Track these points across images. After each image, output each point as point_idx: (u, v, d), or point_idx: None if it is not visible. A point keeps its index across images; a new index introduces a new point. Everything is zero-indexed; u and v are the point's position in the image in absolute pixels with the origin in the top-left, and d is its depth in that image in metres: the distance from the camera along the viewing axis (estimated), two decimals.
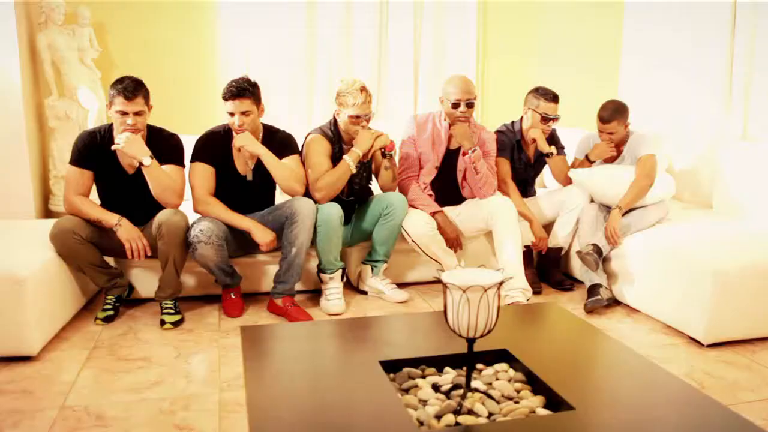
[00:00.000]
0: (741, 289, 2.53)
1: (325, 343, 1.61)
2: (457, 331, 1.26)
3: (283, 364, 1.46)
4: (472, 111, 3.12)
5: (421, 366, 1.48)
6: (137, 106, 2.64)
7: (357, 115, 2.93)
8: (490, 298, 1.23)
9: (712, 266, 2.52)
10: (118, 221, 2.66)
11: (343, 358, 1.51)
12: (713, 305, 2.52)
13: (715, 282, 2.50)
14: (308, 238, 2.82)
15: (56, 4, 3.38)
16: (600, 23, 4.62)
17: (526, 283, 2.91)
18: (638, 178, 3.15)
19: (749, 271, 2.54)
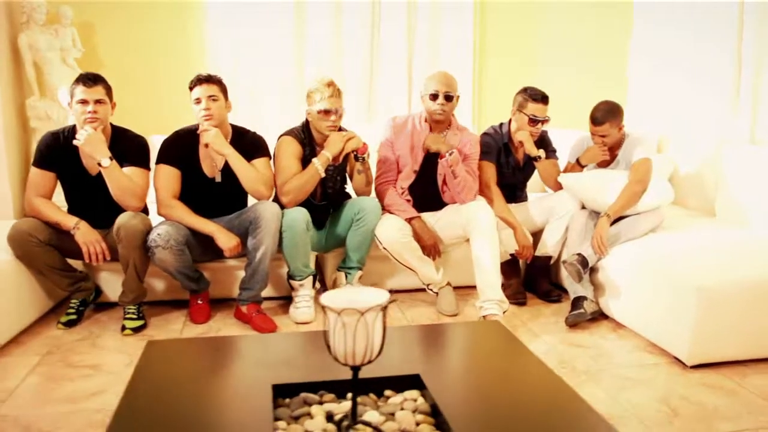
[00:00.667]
0: (729, 306, 2.32)
1: (230, 361, 1.50)
2: (336, 357, 1.13)
3: (165, 387, 1.35)
4: (451, 106, 2.97)
5: (321, 391, 1.36)
6: (97, 93, 2.59)
7: (326, 110, 2.82)
8: (370, 323, 1.10)
9: (696, 281, 2.33)
10: (75, 224, 2.60)
11: (236, 380, 1.39)
12: (697, 323, 2.32)
13: (699, 298, 2.30)
14: (273, 243, 2.72)
15: (37, 3, 3.36)
16: (607, 23, 4.40)
17: (501, 295, 2.74)
18: (630, 183, 2.95)
19: (739, 287, 2.33)
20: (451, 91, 2.96)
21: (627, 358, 2.49)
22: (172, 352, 1.52)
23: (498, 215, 3.12)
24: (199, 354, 1.53)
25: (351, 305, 1.09)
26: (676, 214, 3.49)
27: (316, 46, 4.00)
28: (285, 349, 1.58)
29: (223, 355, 1.52)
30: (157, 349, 1.51)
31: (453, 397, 1.29)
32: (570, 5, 4.33)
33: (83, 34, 3.67)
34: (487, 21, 4.25)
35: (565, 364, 2.42)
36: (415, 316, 2.96)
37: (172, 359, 1.49)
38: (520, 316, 2.97)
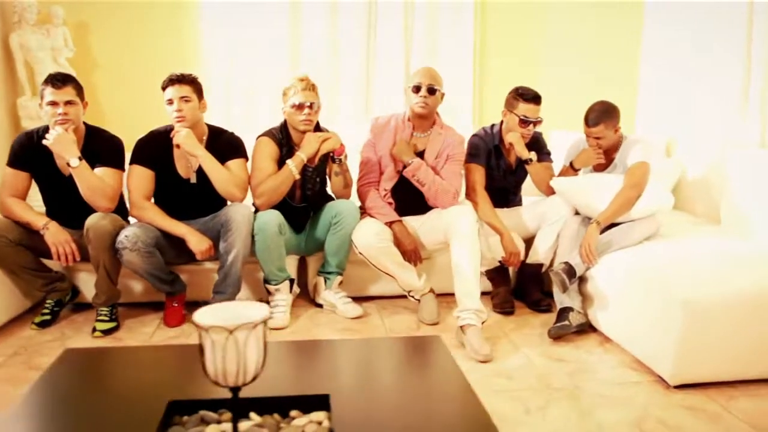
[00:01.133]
0: (717, 321, 2.15)
1: (138, 373, 1.43)
2: (208, 376, 1.05)
3: (60, 399, 1.28)
4: (434, 100, 2.86)
5: (221, 410, 1.27)
6: (67, 95, 2.56)
7: (300, 103, 2.74)
8: (241, 342, 1.01)
9: (682, 293, 2.16)
10: (45, 224, 2.58)
11: (133, 394, 1.31)
12: (682, 340, 2.16)
13: (684, 312, 2.14)
14: (244, 246, 2.66)
15: (28, 3, 3.37)
16: (614, 23, 4.19)
17: (479, 305, 2.61)
18: (624, 188, 2.79)
19: (729, 301, 2.16)
20: (435, 85, 2.85)
21: (608, 374, 2.34)
22: (85, 361, 1.46)
23: (484, 220, 3.00)
24: (111, 364, 1.46)
25: (220, 322, 1.00)
26: (680, 221, 3.31)
27: (311, 46, 3.92)
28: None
29: (135, 366, 1.45)
30: (70, 357, 1.45)
31: (354, 421, 1.19)
32: (575, 5, 4.16)
33: (78, 33, 3.68)
34: (488, 20, 4.11)
35: (540, 380, 2.28)
36: (394, 325, 2.86)
37: (82, 369, 1.43)
38: (504, 327, 2.84)
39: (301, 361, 1.44)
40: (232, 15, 3.81)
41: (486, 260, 3.06)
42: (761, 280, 2.22)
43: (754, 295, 2.16)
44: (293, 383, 1.35)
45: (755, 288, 2.18)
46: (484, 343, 2.49)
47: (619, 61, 4.24)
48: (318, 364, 1.43)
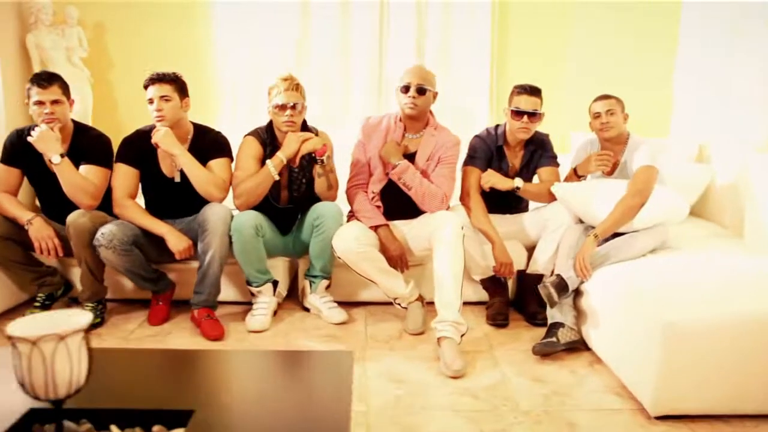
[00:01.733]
0: (704, 348, 1.92)
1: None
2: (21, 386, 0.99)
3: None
4: (423, 101, 2.73)
5: (83, 420, 1.21)
6: (53, 94, 2.60)
7: (282, 104, 2.68)
8: (47, 353, 0.94)
9: (666, 315, 1.95)
10: (29, 219, 2.63)
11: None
12: (664, 366, 1.94)
13: (666, 335, 1.92)
14: (221, 247, 2.62)
15: (43, 4, 3.47)
16: (648, 25, 3.91)
17: (458, 317, 2.46)
18: (626, 196, 2.58)
19: (718, 325, 1.92)
20: (425, 84, 2.72)
21: (586, 399, 2.14)
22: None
23: (477, 227, 2.85)
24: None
25: (24, 333, 0.93)
26: (700, 232, 3.05)
27: (322, 45, 3.86)
28: (120, 367, 1.43)
29: None
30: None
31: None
32: (604, 4, 3.90)
33: (95, 33, 3.77)
34: (508, 20, 3.91)
35: (508, 401, 2.12)
36: (377, 332, 2.75)
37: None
38: (492, 340, 2.67)
39: (183, 373, 1.36)
40: (243, 14, 3.79)
41: (480, 269, 2.91)
42: (760, 302, 1.96)
43: (749, 320, 1.92)
44: (165, 396, 1.27)
45: (752, 311, 1.93)
46: (458, 357, 2.34)
47: (651, 63, 3.95)
48: (199, 376, 1.35)
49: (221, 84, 3.87)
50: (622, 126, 2.78)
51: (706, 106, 3.60)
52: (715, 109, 3.49)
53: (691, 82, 3.77)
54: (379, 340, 2.67)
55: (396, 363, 2.43)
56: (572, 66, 3.96)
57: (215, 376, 1.37)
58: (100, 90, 3.78)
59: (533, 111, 2.83)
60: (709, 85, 3.54)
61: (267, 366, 1.41)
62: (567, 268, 2.57)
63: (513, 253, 3.00)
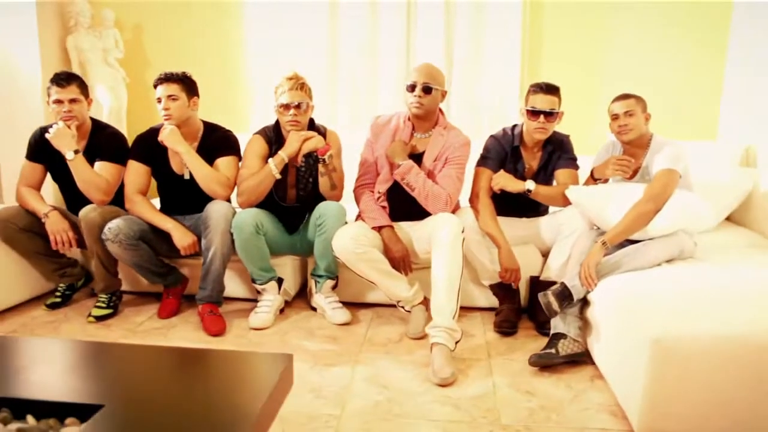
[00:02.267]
0: (696, 366, 1.75)
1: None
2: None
3: None
4: (430, 100, 2.66)
5: (3, 408, 1.24)
6: (71, 93, 2.71)
7: (285, 104, 2.68)
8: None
9: (654, 331, 1.79)
10: (46, 213, 2.75)
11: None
12: (651, 385, 1.79)
13: (653, 352, 1.77)
14: (223, 244, 2.65)
15: (81, 8, 3.64)
16: (694, 25, 3.66)
17: (452, 323, 2.37)
18: (640, 201, 2.41)
19: (711, 342, 1.75)
20: (432, 83, 2.65)
21: (575, 416, 2.02)
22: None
23: (484, 230, 2.75)
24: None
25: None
26: (736, 242, 2.86)
27: (349, 45, 3.85)
28: (47, 358, 1.47)
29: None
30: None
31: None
32: (645, 4, 3.68)
33: (134, 34, 3.92)
34: (541, 21, 3.77)
35: (490, 413, 2.02)
36: (377, 335, 2.70)
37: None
38: (495, 348, 2.57)
39: (100, 365, 1.37)
40: (273, 15, 3.83)
41: (488, 273, 2.81)
42: (760, 322, 1.78)
43: (746, 337, 1.73)
44: (80, 388, 1.29)
45: (749, 331, 1.75)
46: (447, 365, 2.26)
47: (699, 64, 3.71)
48: (115, 370, 1.35)
49: (252, 83, 3.93)
50: (642, 128, 2.61)
51: (755, 108, 3.33)
52: (765, 111, 3.22)
53: (741, 84, 3.49)
54: (376, 343, 2.62)
55: (387, 367, 2.37)
56: (611, 67, 3.77)
57: (134, 371, 1.37)
58: (137, 90, 3.92)
59: (550, 110, 2.71)
60: (761, 86, 3.27)
61: (189, 364, 1.40)
62: (573, 276, 2.44)
63: (528, 258, 2.90)
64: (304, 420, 1.97)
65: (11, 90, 3.53)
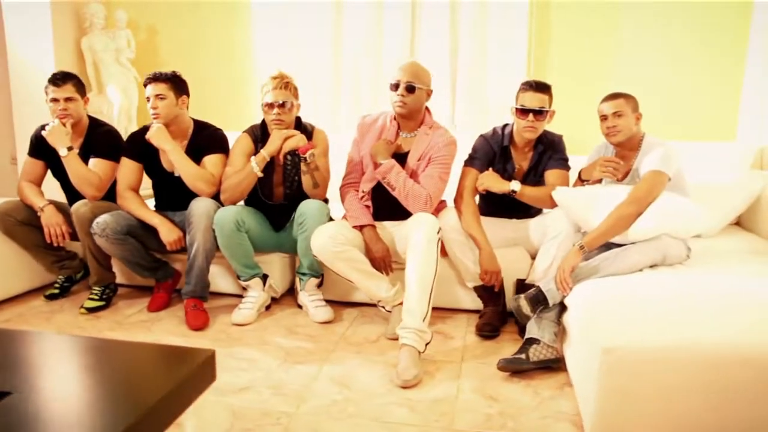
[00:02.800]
0: (649, 380, 1.67)
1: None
2: None
3: None
4: (413, 99, 2.62)
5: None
6: (67, 92, 2.81)
7: (269, 103, 2.71)
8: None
9: (607, 340, 1.72)
10: (41, 207, 2.86)
11: None
12: (603, 397, 1.72)
13: (603, 363, 1.70)
14: (205, 240, 2.69)
15: (95, 10, 3.76)
16: (714, 24, 3.50)
17: (422, 325, 2.33)
18: (622, 203, 2.33)
19: (660, 354, 1.66)
20: (415, 82, 2.62)
21: (532, 424, 1.95)
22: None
23: (466, 231, 2.70)
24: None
25: None
26: (738, 248, 2.74)
27: (354, 45, 3.85)
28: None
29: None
30: None
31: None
32: (664, 3, 3.54)
33: (149, 35, 4.03)
34: (549, 20, 3.68)
35: (444, 417, 1.98)
36: (356, 335, 2.69)
37: None
38: (468, 352, 2.52)
39: (25, 354, 1.41)
40: (280, 15, 3.88)
41: (471, 275, 2.76)
42: (719, 333, 1.68)
43: (699, 348, 1.64)
44: None
45: (704, 339, 1.65)
46: (412, 367, 2.23)
47: (717, 65, 3.54)
48: (37, 359, 1.39)
49: (260, 83, 3.95)
50: (632, 128, 2.51)
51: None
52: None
53: (761, 83, 3.32)
54: (352, 342, 2.61)
55: (355, 367, 2.36)
56: (622, 67, 3.65)
57: (47, 360, 1.40)
58: None
59: (539, 109, 2.64)
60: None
61: (104, 355, 1.42)
62: (549, 280, 2.37)
63: (516, 260, 2.84)
64: (257, 416, 1.98)
65: (28, 90, 3.69)
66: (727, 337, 1.65)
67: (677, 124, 3.59)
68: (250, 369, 2.33)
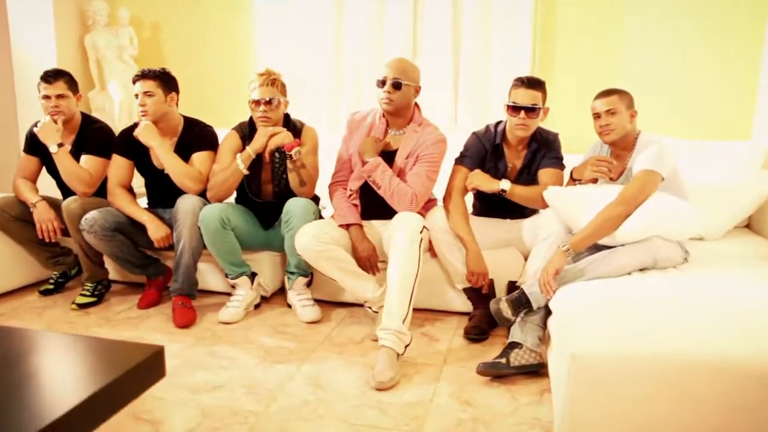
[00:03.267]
0: (618, 388, 1.60)
1: None
2: None
3: None
4: (400, 96, 2.58)
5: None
6: (58, 89, 2.83)
7: (255, 100, 2.69)
8: None
9: (575, 346, 1.66)
10: (34, 203, 2.89)
11: None
12: (570, 405, 1.65)
13: (571, 369, 1.64)
14: (191, 238, 2.69)
15: (98, 7, 3.80)
16: (726, 19, 3.37)
17: (401, 326, 2.28)
18: (610, 204, 2.25)
19: (627, 361, 1.58)
20: (402, 79, 2.57)
21: (504, 431, 1.89)
22: None
23: (454, 231, 2.64)
24: None
25: None
26: (741, 252, 2.65)
27: (355, 39, 3.81)
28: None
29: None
30: None
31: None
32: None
33: (153, 32, 4.05)
34: (555, 15, 3.59)
35: (414, 421, 1.93)
36: (340, 335, 2.65)
37: None
38: (452, 355, 2.47)
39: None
40: (281, 9, 3.85)
41: (460, 276, 2.71)
42: (696, 342, 1.60)
43: (668, 357, 1.56)
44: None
45: (674, 348, 1.57)
46: (388, 369, 2.19)
47: (731, 62, 3.41)
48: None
49: None
50: (626, 127, 2.42)
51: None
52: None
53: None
54: (336, 343, 2.58)
55: (333, 368, 2.32)
56: (631, 64, 3.53)
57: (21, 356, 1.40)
58: None
59: (531, 106, 2.57)
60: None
61: (45, 347, 1.41)
62: (533, 282, 2.30)
63: (509, 261, 2.78)
64: (226, 414, 1.96)
65: (31, 87, 3.71)
66: (698, 349, 1.56)
67: (688, 123, 3.47)
68: (229, 367, 2.32)
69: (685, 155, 3.02)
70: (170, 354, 2.42)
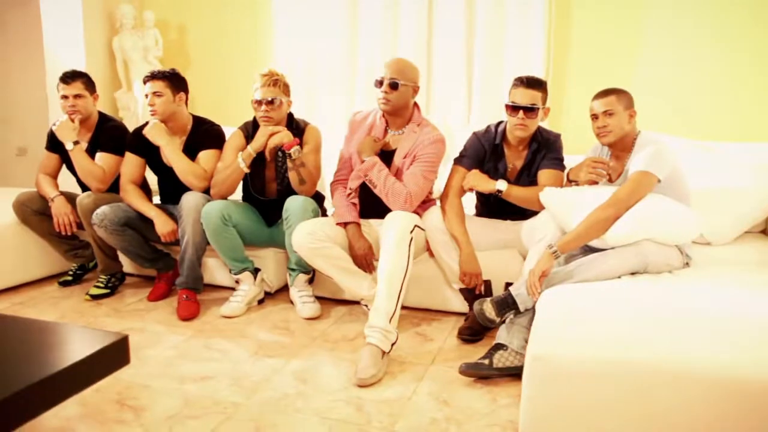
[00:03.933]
0: (574, 390, 1.59)
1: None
2: None
3: None
4: (397, 96, 2.60)
5: None
6: (75, 89, 2.97)
7: (257, 100, 2.76)
8: None
9: (535, 348, 1.65)
10: (52, 198, 3.03)
11: None
12: (528, 406, 1.65)
13: (531, 370, 1.63)
14: (194, 233, 2.77)
15: (125, 11, 3.96)
16: (741, 20, 3.26)
17: (387, 324, 2.30)
18: (601, 205, 2.21)
19: (588, 366, 1.57)
20: (399, 79, 2.59)
21: None
22: None
23: (449, 231, 2.64)
24: None
25: None
26: (750, 258, 2.52)
27: (369, 39, 3.84)
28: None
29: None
30: None
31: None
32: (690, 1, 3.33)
33: (179, 33, 4.19)
34: (572, 14, 3.53)
35: (388, 419, 1.95)
36: (335, 331, 2.69)
37: None
38: (442, 355, 2.47)
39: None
40: (300, 11, 3.92)
41: (455, 276, 2.70)
42: (658, 350, 1.56)
43: (630, 363, 1.53)
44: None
45: (639, 354, 1.54)
46: (371, 366, 2.21)
47: (749, 59, 3.28)
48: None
49: None
50: (624, 128, 2.37)
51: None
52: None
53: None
54: (330, 339, 2.61)
55: (321, 363, 2.36)
56: (649, 66, 3.44)
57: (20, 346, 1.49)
58: None
59: (530, 106, 2.55)
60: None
61: (12, 332, 1.50)
62: (520, 284, 2.28)
63: (508, 263, 2.76)
64: (209, 404, 2.02)
65: None
66: (658, 357, 1.53)
67: (702, 124, 3.36)
68: (221, 360, 2.38)
69: (698, 157, 2.94)
70: (167, 345, 2.51)
